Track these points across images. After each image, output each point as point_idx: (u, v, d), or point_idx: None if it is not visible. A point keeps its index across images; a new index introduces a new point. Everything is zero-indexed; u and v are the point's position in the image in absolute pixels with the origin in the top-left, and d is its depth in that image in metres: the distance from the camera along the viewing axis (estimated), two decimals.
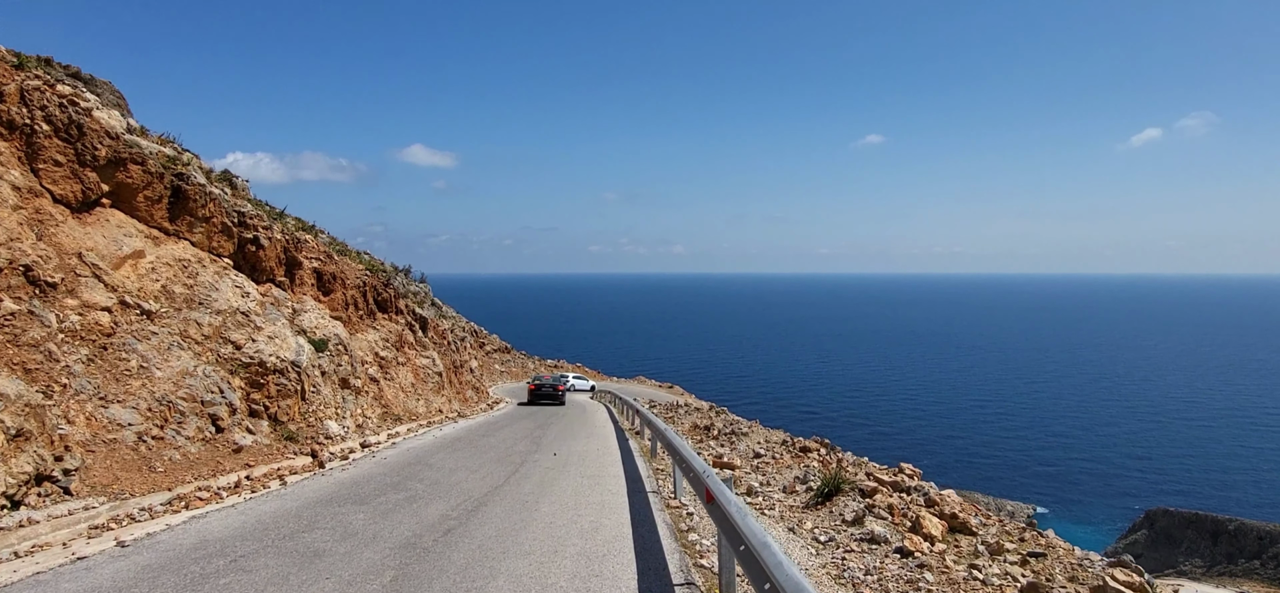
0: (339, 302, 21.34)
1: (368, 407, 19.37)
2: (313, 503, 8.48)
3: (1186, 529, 74.78)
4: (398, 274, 35.93)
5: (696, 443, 16.69)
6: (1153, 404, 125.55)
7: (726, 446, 15.18)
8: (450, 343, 29.91)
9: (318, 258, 21.11)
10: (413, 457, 12.93)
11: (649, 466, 12.10)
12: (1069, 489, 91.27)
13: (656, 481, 10.46)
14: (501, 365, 54.37)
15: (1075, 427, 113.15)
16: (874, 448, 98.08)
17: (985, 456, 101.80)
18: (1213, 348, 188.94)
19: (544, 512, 7.96)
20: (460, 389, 29.32)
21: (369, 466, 11.87)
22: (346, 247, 36.01)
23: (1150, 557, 74.38)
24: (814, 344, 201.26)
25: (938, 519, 7.31)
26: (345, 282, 22.23)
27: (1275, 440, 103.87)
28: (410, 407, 22.41)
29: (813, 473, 10.66)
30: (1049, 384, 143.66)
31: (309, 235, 23.35)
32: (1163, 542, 75.47)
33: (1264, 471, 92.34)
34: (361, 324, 22.57)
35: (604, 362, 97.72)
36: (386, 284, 25.17)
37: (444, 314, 34.66)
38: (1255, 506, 79.02)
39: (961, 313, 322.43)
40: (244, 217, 16.94)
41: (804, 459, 12.42)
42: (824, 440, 14.75)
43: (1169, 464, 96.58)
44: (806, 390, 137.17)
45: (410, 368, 24.03)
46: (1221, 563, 69.36)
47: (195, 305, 14.39)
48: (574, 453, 13.61)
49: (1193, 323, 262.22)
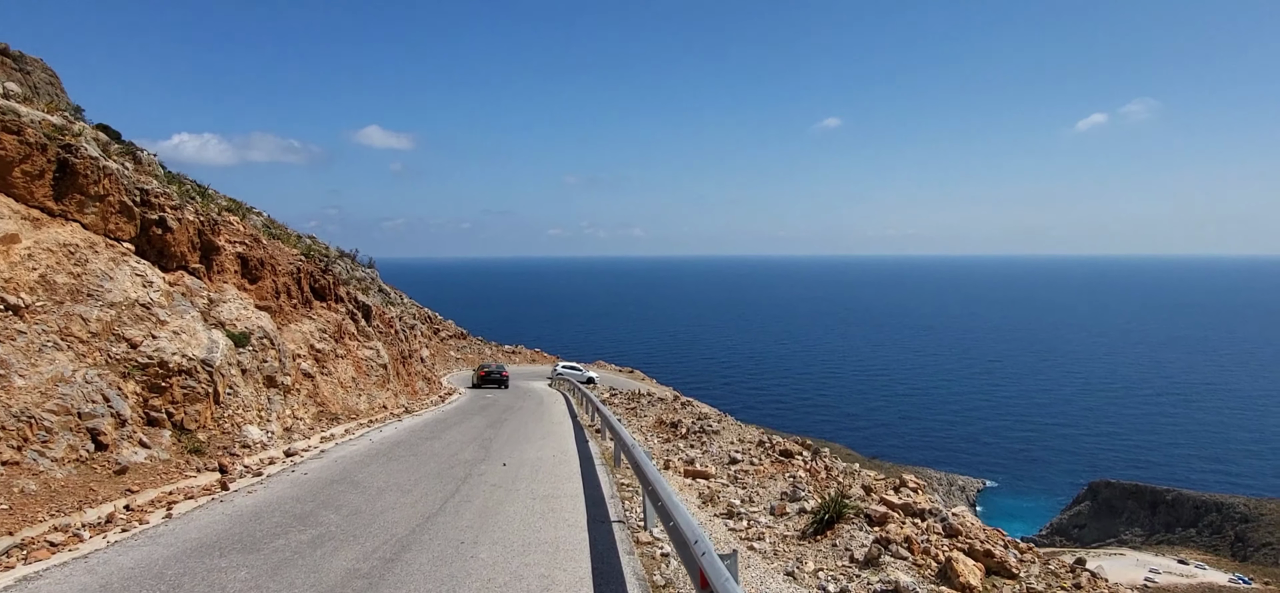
0: (268, 290, 19.20)
1: (300, 406, 17.36)
2: (188, 551, 6.63)
3: (1128, 500, 76.44)
4: (340, 259, 33.54)
5: (664, 442, 15.16)
6: (1097, 381, 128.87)
7: (697, 447, 13.67)
8: (398, 332, 27.84)
9: (242, 241, 18.91)
10: (339, 471, 11.09)
11: (612, 477, 10.49)
12: (1018, 464, 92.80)
13: (622, 501, 8.86)
14: (457, 353, 52.17)
15: (1024, 404, 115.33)
16: (835, 429, 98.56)
17: (939, 433, 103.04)
18: (1154, 327, 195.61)
19: (483, 561, 6.27)
20: (409, 381, 27.31)
21: (283, 485, 10.01)
22: (286, 230, 33.47)
23: (1093, 527, 75.88)
24: (774, 327, 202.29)
25: (971, 561, 5.90)
26: (276, 268, 20.06)
27: (1211, 415, 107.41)
28: (351, 404, 20.42)
29: (802, 487, 9.21)
30: (999, 363, 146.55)
31: (236, 217, 21.07)
32: (1105, 512, 77.04)
33: (1201, 444, 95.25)
34: (295, 314, 20.45)
35: (564, 347, 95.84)
36: (325, 269, 23.02)
37: (392, 301, 32.47)
38: (1192, 477, 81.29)
39: (915, 295, 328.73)
40: (148, 195, 14.74)
41: (787, 467, 10.97)
42: (804, 441, 13.35)
43: (1112, 438, 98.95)
44: (767, 373, 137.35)
45: (351, 361, 21.98)
46: (1160, 531, 71.06)
47: (82, 298, 12.24)
48: (527, 462, 11.90)
49: (1135, 303, 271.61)
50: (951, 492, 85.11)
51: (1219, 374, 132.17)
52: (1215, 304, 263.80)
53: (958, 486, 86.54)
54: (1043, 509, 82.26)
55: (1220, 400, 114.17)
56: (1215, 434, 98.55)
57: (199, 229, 16.00)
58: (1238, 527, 63.90)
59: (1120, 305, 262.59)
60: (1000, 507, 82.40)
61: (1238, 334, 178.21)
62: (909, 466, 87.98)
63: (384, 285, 34.74)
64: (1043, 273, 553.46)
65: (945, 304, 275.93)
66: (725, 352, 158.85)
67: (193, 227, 15.77)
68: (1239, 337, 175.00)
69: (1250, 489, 74.20)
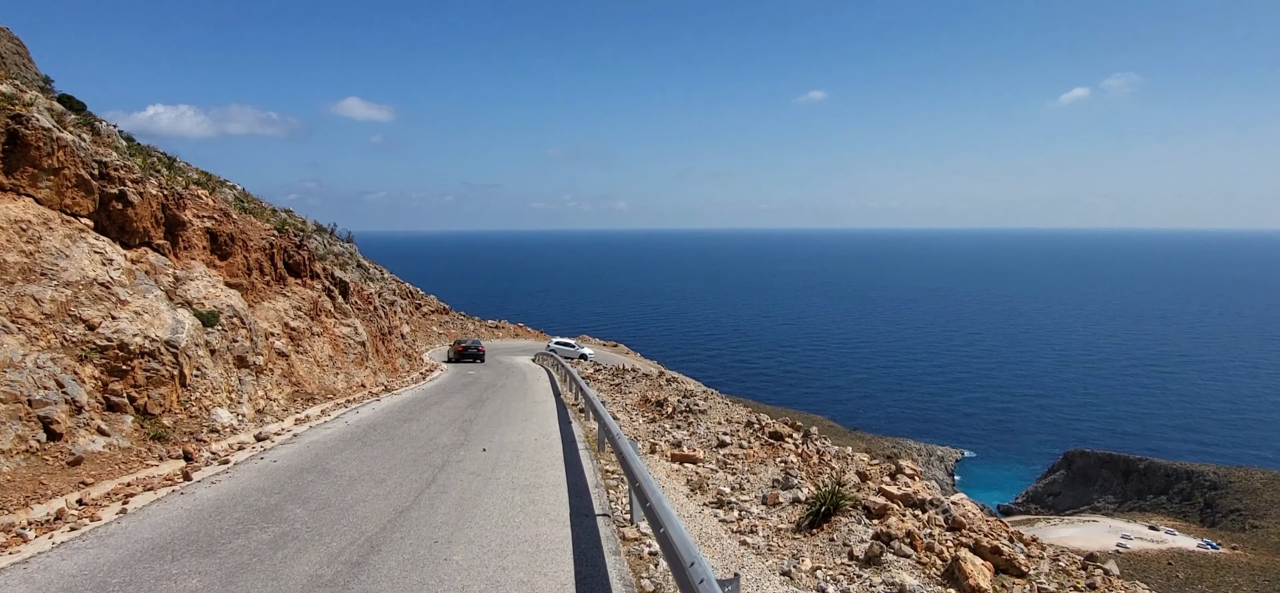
0: (239, 266, 18.50)
1: (273, 387, 16.77)
2: (138, 554, 6.12)
3: (1101, 469, 77.75)
4: (317, 233, 32.65)
5: (649, 422, 14.75)
6: (1074, 353, 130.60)
7: (684, 428, 13.26)
8: (377, 308, 27.17)
9: (211, 216, 18.15)
10: (310, 458, 10.57)
11: (596, 463, 10.05)
12: (995, 434, 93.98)
13: (607, 491, 8.42)
14: (439, 328, 51.44)
15: (1002, 375, 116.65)
16: (818, 402, 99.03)
17: (919, 404, 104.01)
18: (1131, 299, 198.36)
19: (457, 565, 5.81)
20: (389, 358, 26.71)
21: (250, 474, 9.48)
22: (261, 204, 32.52)
23: (1067, 495, 77.16)
24: (757, 300, 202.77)
25: (979, 560, 5.54)
26: (247, 243, 19.33)
27: (1185, 385, 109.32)
28: (327, 383, 19.84)
29: (794, 473, 8.83)
30: (979, 336, 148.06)
31: (205, 191, 20.25)
32: (1079, 481, 78.32)
33: (1174, 414, 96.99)
34: (268, 291, 19.77)
35: (547, 321, 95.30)
36: (299, 245, 22.28)
37: (371, 276, 31.73)
38: (1165, 446, 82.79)
39: (897, 268, 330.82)
40: (107, 168, 13.96)
41: (778, 451, 10.60)
42: (794, 423, 12.96)
43: (1088, 409, 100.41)
44: (750, 346, 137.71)
45: (328, 338, 21.37)
46: (1132, 499, 72.39)
47: (35, 277, 11.54)
48: (507, 446, 11.42)
49: (1114, 276, 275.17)
50: (930, 462, 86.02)
51: (1193, 346, 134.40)
52: (1192, 277, 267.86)
53: (937, 456, 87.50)
54: (1019, 478, 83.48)
55: (1194, 371, 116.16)
56: (1188, 404, 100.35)
57: (162, 203, 15.25)
58: (1207, 494, 65.24)
59: (1099, 278, 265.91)
60: (977, 476, 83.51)
61: (1213, 307, 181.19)
62: (889, 437, 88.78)
63: (363, 261, 33.99)
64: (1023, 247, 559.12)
65: (926, 278, 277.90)
66: (709, 325, 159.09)
67: (156, 201, 15.01)
68: (1214, 309, 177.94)
69: (1220, 457, 75.73)
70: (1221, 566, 48.15)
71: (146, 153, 19.58)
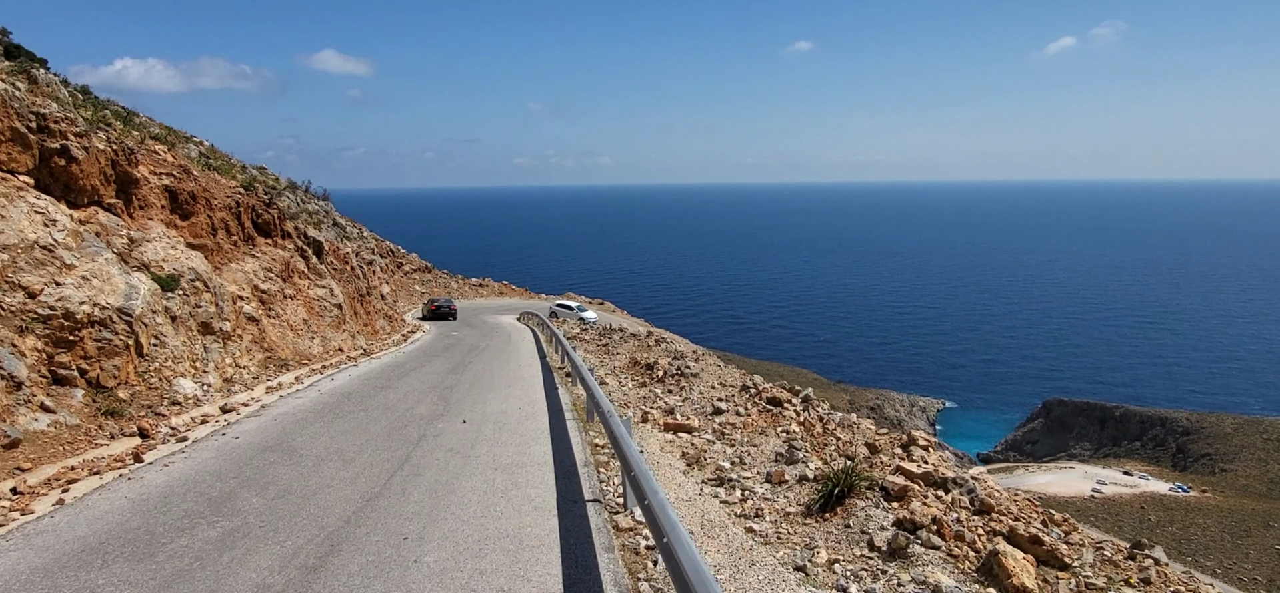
0: (202, 227, 17.44)
1: (243, 354, 15.89)
2: (65, 558, 5.33)
3: (1078, 417, 78.90)
4: (290, 191, 31.37)
5: (639, 386, 14.06)
6: (1056, 304, 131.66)
7: (676, 393, 12.57)
8: (354, 268, 26.16)
9: (170, 173, 17.02)
10: (276, 433, 9.78)
11: (584, 438, 9.32)
12: (976, 383, 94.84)
13: (597, 470, 7.70)
14: (422, 287, 50.37)
15: (984, 326, 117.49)
16: (803, 355, 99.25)
17: (902, 356, 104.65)
18: (1113, 251, 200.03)
19: (427, 568, 5.07)
20: (368, 320, 25.81)
21: (207, 454, 8.68)
22: (229, 160, 31.13)
23: (1045, 442, 78.32)
24: (742, 255, 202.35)
25: (1020, 554, 4.91)
26: (211, 202, 18.24)
27: (1162, 334, 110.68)
28: (302, 348, 18.96)
29: (798, 445, 8.16)
30: (962, 287, 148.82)
31: (163, 146, 19.04)
32: (1057, 428, 79.50)
33: (1151, 362, 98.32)
34: (236, 253, 18.75)
35: (532, 279, 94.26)
36: (269, 203, 21.17)
37: (348, 235, 30.60)
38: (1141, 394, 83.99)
39: (882, 221, 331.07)
40: (45, 120, 12.81)
41: (778, 420, 9.93)
42: (793, 389, 12.28)
43: (1068, 359, 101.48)
44: (736, 301, 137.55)
45: (301, 301, 20.42)
46: (1107, 445, 73.63)
47: None
48: (489, 417, 10.67)
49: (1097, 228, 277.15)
50: (913, 412, 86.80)
51: (1172, 296, 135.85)
52: (1174, 228, 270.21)
53: (919, 407, 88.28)
54: (998, 427, 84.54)
55: (1172, 321, 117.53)
56: (1165, 353, 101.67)
57: (112, 159, 14.12)
58: (1179, 439, 66.49)
59: (1082, 230, 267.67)
60: (959, 426, 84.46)
61: (1194, 257, 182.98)
62: (873, 388, 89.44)
63: (339, 219, 32.80)
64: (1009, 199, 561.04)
65: (912, 231, 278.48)
66: (694, 281, 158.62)
67: (104, 156, 13.89)
68: (1194, 259, 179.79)
69: (1195, 404, 76.98)
70: (1192, 508, 49.15)
71: (101, 105, 18.30)
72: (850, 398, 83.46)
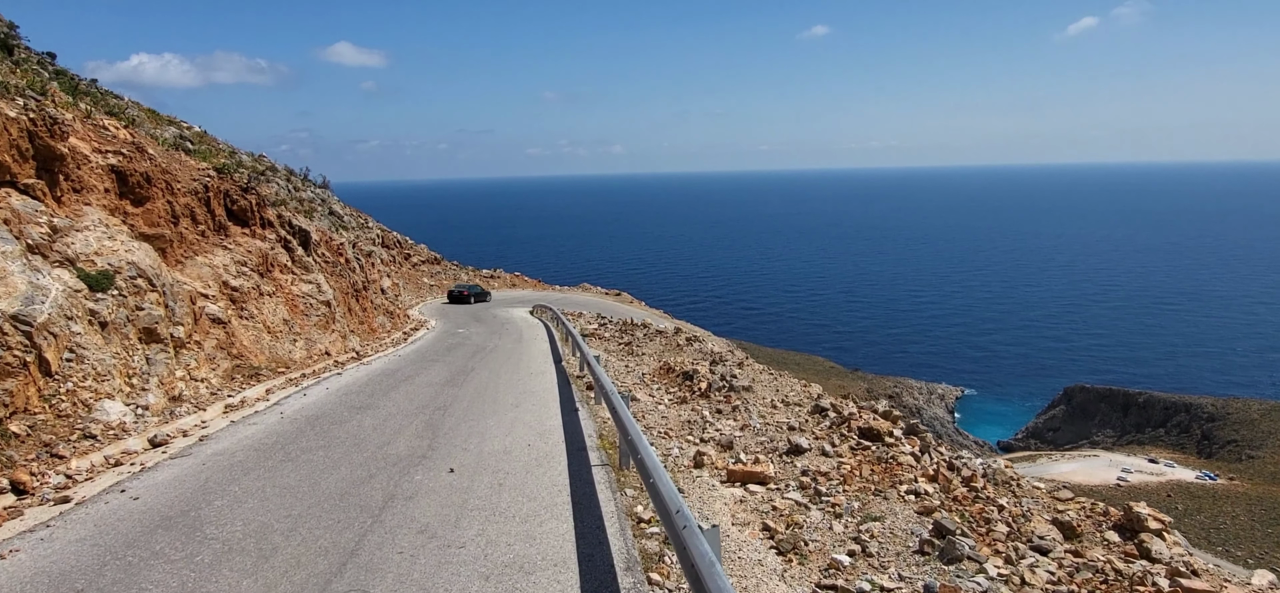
0: (160, 213, 14.71)
1: (202, 363, 13.17)
2: None
3: (1100, 403, 75.68)
4: (288, 177, 28.65)
5: (678, 403, 11.17)
6: (1078, 289, 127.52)
7: (729, 415, 9.61)
8: (349, 261, 23.43)
9: (119, 151, 14.28)
10: (192, 489, 7.01)
11: (618, 500, 6.43)
12: (995, 371, 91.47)
13: (643, 568, 4.83)
14: (431, 279, 47.69)
15: (1004, 313, 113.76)
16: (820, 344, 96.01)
17: (921, 343, 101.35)
18: (1138, 234, 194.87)
19: None
20: (365, 317, 23.10)
21: (76, 532, 5.91)
22: (217, 142, 28.46)
23: (1067, 430, 75.13)
24: (757, 243, 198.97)
25: None
26: (172, 185, 15.52)
27: (1185, 318, 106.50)
28: (280, 352, 16.25)
29: (948, 525, 5.26)
30: (980, 273, 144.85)
31: (117, 122, 16.28)
32: (1079, 416, 76.30)
33: (1173, 347, 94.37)
34: (203, 244, 16.02)
35: (545, 269, 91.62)
36: (247, 188, 18.43)
37: (345, 224, 27.87)
38: (1162, 379, 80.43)
39: (899, 208, 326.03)
40: None
41: (890, 470, 6.97)
42: (892, 415, 9.20)
43: (1090, 344, 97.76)
44: (752, 289, 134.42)
45: (283, 298, 17.70)
46: (1131, 432, 70.47)
47: None
48: (488, 462, 7.82)
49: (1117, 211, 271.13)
50: (931, 400, 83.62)
51: (1196, 279, 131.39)
52: (1197, 210, 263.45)
53: (937, 394, 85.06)
54: (1019, 414, 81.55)
55: (1195, 305, 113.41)
56: (1189, 338, 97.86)
57: (29, 131, 11.36)
58: (1204, 425, 63.73)
59: (1105, 213, 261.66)
60: (978, 413, 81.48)
61: (1217, 240, 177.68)
62: (891, 376, 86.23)
63: (337, 207, 30.06)
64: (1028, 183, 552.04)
65: (927, 216, 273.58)
66: (708, 269, 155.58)
67: (17, 126, 11.13)
68: (1218, 242, 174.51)
69: (1219, 390, 73.84)
70: (1219, 496, 47.42)
71: (36, 69, 15.53)
72: (868, 386, 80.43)
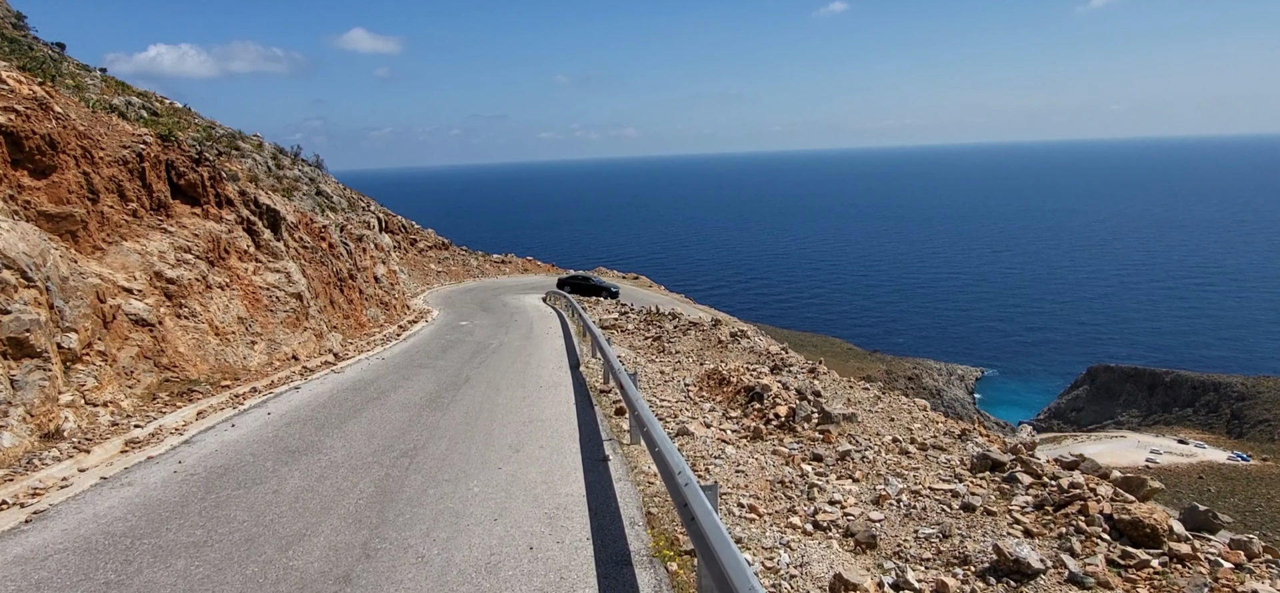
0: (72, 187, 11.44)
1: (109, 381, 9.91)
2: None
3: (1125, 383, 71.92)
4: (278, 155, 25.36)
5: (749, 437, 7.73)
6: (1101, 266, 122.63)
7: (838, 468, 6.22)
8: (334, 246, 20.13)
9: (11, 108, 10.98)
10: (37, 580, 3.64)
11: None
12: (1017, 350, 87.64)
13: None
14: (438, 265, 44.53)
15: (1025, 291, 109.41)
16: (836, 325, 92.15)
17: (939, 323, 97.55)
18: (1156, 210, 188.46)
19: None
20: (351, 310, 19.84)
21: None
22: (191, 112, 25.20)
23: (1091, 410, 71.45)
24: (771, 224, 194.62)
25: None
26: (92, 153, 12.22)
27: (1211, 295, 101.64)
28: (230, 359, 12.97)
29: None
30: (1000, 252, 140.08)
31: (21, 77, 12.93)
32: (1103, 396, 72.59)
33: (1198, 324, 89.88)
34: (132, 227, 12.74)
35: (560, 254, 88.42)
36: (198, 160, 15.11)
37: (334, 205, 24.53)
38: (1192, 358, 76.33)
39: (917, 187, 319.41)
40: None
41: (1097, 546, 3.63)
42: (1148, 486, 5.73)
43: (1113, 323, 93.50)
44: (767, 270, 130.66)
45: (240, 291, 14.42)
46: (1157, 412, 66.84)
47: None
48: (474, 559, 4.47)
49: (1140, 187, 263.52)
50: (951, 381, 79.92)
51: (1222, 255, 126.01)
52: (1221, 184, 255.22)
53: (957, 375, 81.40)
54: (1041, 394, 78.41)
55: (1224, 281, 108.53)
56: (1217, 315, 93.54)
57: None
58: (1234, 405, 60.75)
59: (1125, 189, 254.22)
60: (999, 394, 78.27)
61: (1242, 214, 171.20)
62: (910, 357, 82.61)
63: (327, 187, 26.73)
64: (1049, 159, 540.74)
65: (945, 195, 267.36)
66: (724, 251, 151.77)
67: None
68: (1246, 215, 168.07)
69: (1249, 368, 70.04)
70: (1253, 478, 45.38)
71: None
72: (887, 368, 76.95)
